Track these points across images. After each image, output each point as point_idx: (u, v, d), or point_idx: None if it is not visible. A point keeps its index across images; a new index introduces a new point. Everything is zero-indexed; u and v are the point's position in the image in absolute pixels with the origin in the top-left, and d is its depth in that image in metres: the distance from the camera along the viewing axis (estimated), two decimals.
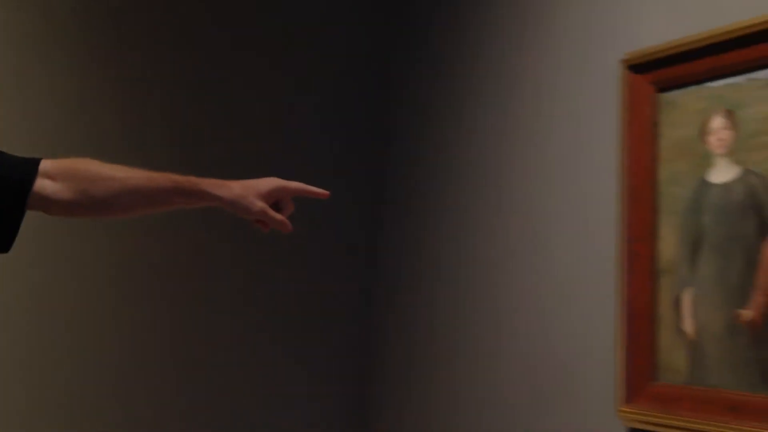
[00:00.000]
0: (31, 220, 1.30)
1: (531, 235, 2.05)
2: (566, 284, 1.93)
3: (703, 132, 1.66)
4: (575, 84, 1.97)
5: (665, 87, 1.74)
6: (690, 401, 1.60)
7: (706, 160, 1.65)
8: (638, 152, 1.76)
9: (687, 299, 1.64)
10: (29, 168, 1.27)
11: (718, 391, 1.56)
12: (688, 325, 1.63)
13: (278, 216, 1.40)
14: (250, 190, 1.38)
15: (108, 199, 1.31)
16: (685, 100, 1.70)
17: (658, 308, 1.69)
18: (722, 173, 1.62)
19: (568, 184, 1.96)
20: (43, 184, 1.27)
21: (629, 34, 1.84)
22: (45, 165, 1.28)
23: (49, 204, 1.28)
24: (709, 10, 1.67)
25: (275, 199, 1.41)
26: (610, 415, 1.75)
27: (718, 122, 1.63)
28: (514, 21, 2.18)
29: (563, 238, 1.96)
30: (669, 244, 1.70)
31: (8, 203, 1.25)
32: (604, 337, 1.79)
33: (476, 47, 2.31)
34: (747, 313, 1.53)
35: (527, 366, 2.01)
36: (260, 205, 1.38)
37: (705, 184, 1.64)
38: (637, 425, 1.68)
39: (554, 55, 2.04)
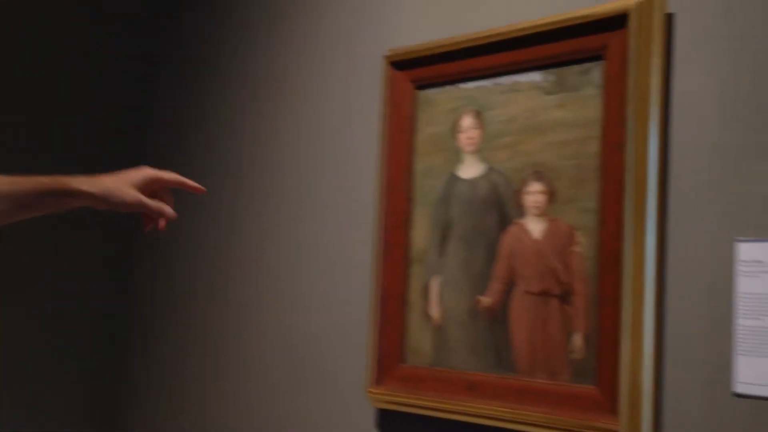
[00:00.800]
0: None
1: (295, 221, 2.08)
2: (327, 271, 1.98)
3: (454, 130, 1.77)
4: (343, 77, 2.02)
5: (423, 85, 1.83)
6: (433, 382, 1.70)
7: (457, 156, 1.76)
8: (397, 145, 1.85)
9: (435, 286, 1.75)
10: None
11: (459, 372, 1.67)
12: (435, 311, 1.74)
13: (156, 204, 1.37)
14: (122, 182, 1.34)
15: None
16: (440, 98, 1.80)
17: (409, 294, 1.79)
18: (470, 169, 1.73)
19: (333, 174, 2.00)
20: None
21: (394, 32, 1.92)
22: None
23: None
24: (465, 16, 1.79)
25: (150, 191, 1.38)
26: (361, 397, 1.82)
27: (467, 121, 1.75)
28: (282, 14, 2.19)
29: (326, 225, 2.01)
30: (421, 233, 1.79)
31: None
32: (360, 322, 1.86)
33: (241, 41, 2.29)
34: (486, 300, 1.66)
35: (285, 350, 2.04)
36: (134, 194, 1.34)
37: (455, 179, 1.75)
38: (385, 405, 1.77)
39: (322, 47, 2.08)
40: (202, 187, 1.45)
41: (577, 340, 1.51)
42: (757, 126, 1.35)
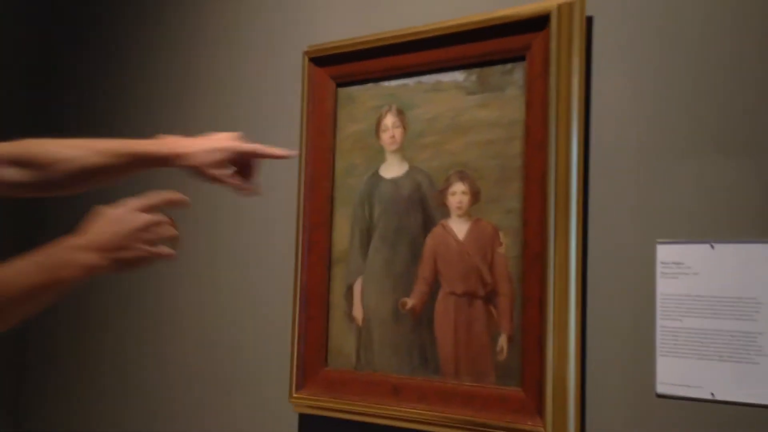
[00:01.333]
0: None
1: (212, 222, 2.01)
2: (247, 274, 1.92)
3: (377, 128, 1.74)
4: (262, 72, 1.96)
5: (344, 82, 1.79)
6: (357, 385, 1.68)
7: (379, 155, 1.73)
8: (318, 143, 1.80)
9: (358, 287, 1.72)
10: None
11: (383, 375, 1.65)
12: (358, 313, 1.71)
13: (235, 182, 1.39)
14: (207, 146, 1.35)
15: (65, 180, 1.31)
16: (362, 96, 1.77)
17: (332, 296, 1.75)
18: (393, 168, 1.71)
19: None
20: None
21: (316, 27, 1.87)
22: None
23: (6, 189, 1.29)
24: (389, 13, 1.76)
25: (232, 160, 1.38)
26: (284, 402, 1.78)
27: (390, 120, 1.72)
28: (199, 5, 2.12)
29: (245, 226, 1.95)
30: (343, 233, 1.76)
31: None
32: (282, 325, 1.82)
33: (157, 33, 2.20)
34: (410, 302, 1.64)
35: (205, 355, 1.98)
36: (218, 169, 1.36)
37: (378, 178, 1.73)
38: (308, 410, 1.73)
39: (241, 41, 2.02)
40: (287, 152, 1.44)
41: (502, 341, 1.51)
42: (676, 128, 1.38)
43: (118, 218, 1.14)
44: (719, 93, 1.34)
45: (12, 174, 1.29)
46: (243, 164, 1.40)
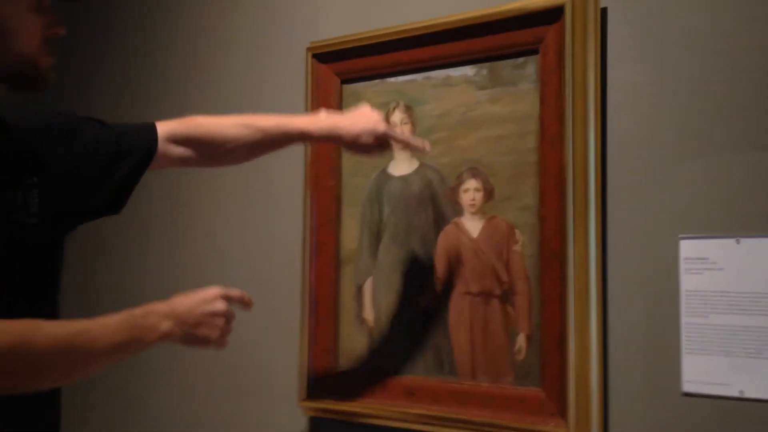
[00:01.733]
0: None
1: (217, 224, 1.97)
2: (254, 276, 1.87)
3: None
4: (266, 70, 1.92)
5: (349, 78, 1.75)
6: (370, 387, 1.64)
7: (387, 153, 1.69)
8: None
9: (368, 288, 1.68)
10: (150, 134, 1.37)
11: (397, 377, 1.62)
12: (369, 314, 1.68)
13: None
14: (360, 127, 1.44)
15: (228, 156, 1.45)
16: (368, 92, 1.73)
17: (341, 297, 1.72)
18: (402, 166, 1.67)
19: (256, 173, 1.89)
20: (167, 148, 1.39)
21: (317, 22, 1.83)
22: (167, 128, 1.39)
23: (172, 163, 1.41)
24: (393, 7, 1.72)
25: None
26: (294, 406, 1.74)
27: (398, 116, 1.68)
28: (201, 2, 2.07)
29: (251, 228, 1.91)
30: (351, 233, 1.72)
31: (132, 167, 1.32)
32: (291, 327, 1.78)
33: (155, 31, 2.15)
34: (422, 301, 1.60)
35: (214, 361, 1.92)
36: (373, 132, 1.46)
37: (386, 176, 1.69)
38: (319, 414, 1.69)
39: (243, 37, 1.97)
40: (426, 144, 1.53)
41: (521, 341, 1.48)
42: (697, 119, 1.35)
43: (202, 299, 1.27)
44: (743, 83, 1.31)
45: (180, 152, 1.41)
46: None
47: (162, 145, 1.38)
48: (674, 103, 1.37)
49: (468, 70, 1.60)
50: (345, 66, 1.75)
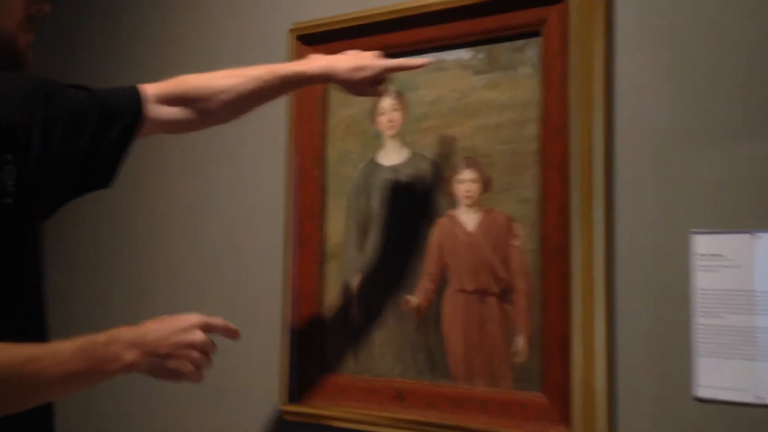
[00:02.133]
0: None
1: (195, 217, 1.86)
2: (234, 272, 1.77)
3: (373, 111, 1.60)
4: (246, 52, 1.81)
5: None
6: (357, 391, 1.54)
7: (376, 141, 1.59)
8: (307, 129, 1.66)
9: (355, 285, 1.58)
10: (135, 96, 1.26)
11: (385, 380, 1.52)
12: (355, 312, 1.58)
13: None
14: (354, 64, 1.39)
15: (223, 110, 1.34)
16: None
17: (326, 295, 1.61)
18: (392, 155, 1.57)
19: (236, 163, 1.79)
20: (156, 110, 1.29)
21: (302, 2, 1.72)
22: (154, 89, 1.29)
23: (162, 127, 1.31)
24: None
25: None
26: (275, 410, 1.64)
27: (387, 102, 1.58)
28: None
29: (231, 220, 1.79)
30: (337, 226, 1.62)
31: (120, 133, 1.22)
32: (271, 326, 1.67)
33: (134, 7, 2.03)
34: (414, 300, 1.51)
35: None
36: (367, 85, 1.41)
37: (375, 166, 1.59)
38: (302, 419, 1.59)
39: (222, 17, 1.86)
40: (425, 61, 1.44)
41: (520, 342, 1.39)
42: (708, 108, 1.26)
43: (178, 327, 1.12)
44: (758, 69, 1.23)
45: (171, 112, 1.31)
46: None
47: (151, 108, 1.28)
48: (685, 89, 1.29)
49: (463, 53, 1.50)
50: (330, 48, 1.63)
